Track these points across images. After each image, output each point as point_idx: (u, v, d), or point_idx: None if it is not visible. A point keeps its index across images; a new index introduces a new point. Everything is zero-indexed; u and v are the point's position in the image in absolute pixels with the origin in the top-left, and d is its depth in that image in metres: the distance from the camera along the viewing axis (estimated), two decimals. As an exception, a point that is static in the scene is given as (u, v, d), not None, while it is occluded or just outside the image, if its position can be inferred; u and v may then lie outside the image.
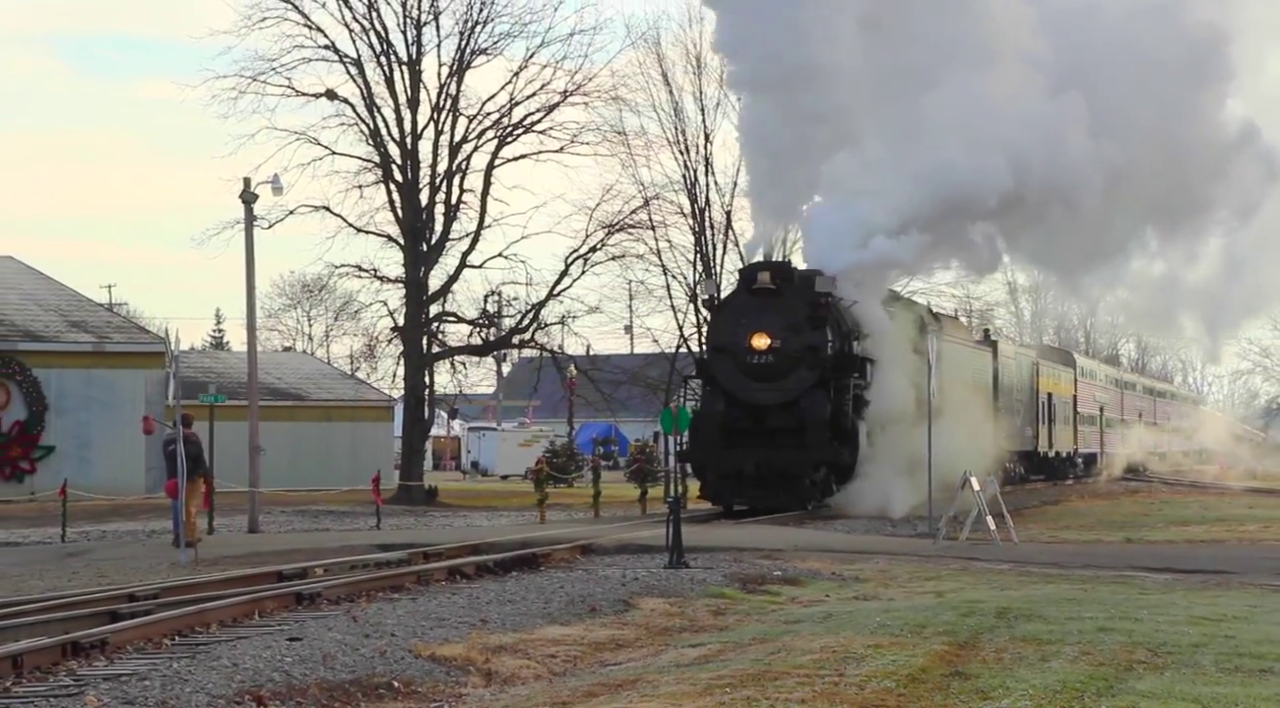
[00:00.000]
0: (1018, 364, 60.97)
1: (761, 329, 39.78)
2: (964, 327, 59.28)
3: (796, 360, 39.78)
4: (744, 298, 40.91)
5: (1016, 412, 59.07)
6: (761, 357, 39.79)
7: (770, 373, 39.81)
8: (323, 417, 70.91)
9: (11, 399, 58.99)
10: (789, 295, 40.16)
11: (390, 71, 59.39)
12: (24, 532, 39.12)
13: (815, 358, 39.95)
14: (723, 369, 40.35)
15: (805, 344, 39.89)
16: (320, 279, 79.04)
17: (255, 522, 38.71)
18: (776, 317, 39.93)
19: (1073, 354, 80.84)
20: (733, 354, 40.11)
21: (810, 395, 39.58)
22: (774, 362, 39.77)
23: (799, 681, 13.12)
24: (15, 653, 14.86)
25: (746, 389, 39.87)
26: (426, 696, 14.24)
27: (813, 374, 39.81)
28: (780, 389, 39.67)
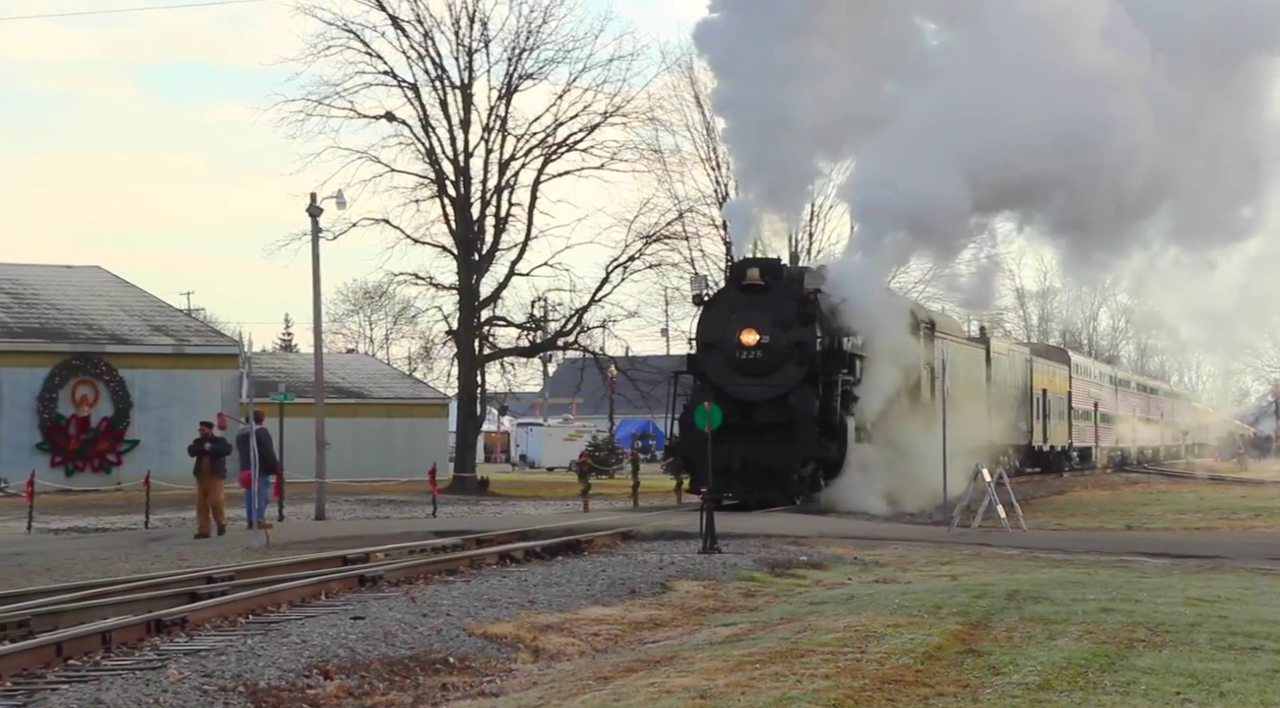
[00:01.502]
0: (1011, 361, 59.48)
1: (750, 325, 37.92)
2: (958, 324, 57.49)
3: (785, 356, 37.93)
4: (733, 294, 38.96)
5: (1010, 407, 57.36)
6: (750, 352, 37.90)
7: (759, 369, 37.93)
8: (383, 413, 71.06)
9: (100, 397, 59.27)
10: (778, 292, 38.28)
11: (444, 95, 59.58)
12: (111, 519, 39.29)
13: (804, 354, 38.04)
14: (712, 365, 38.34)
15: (794, 340, 38.02)
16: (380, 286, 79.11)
17: (322, 510, 38.81)
18: (765, 313, 38.07)
19: (1067, 352, 79.35)
20: (722, 350, 38.16)
21: (799, 391, 37.69)
22: (763, 357, 37.89)
23: (823, 657, 13.11)
24: (104, 630, 14.95)
25: (735, 385, 37.75)
26: (479, 670, 14.25)
27: (801, 370, 37.92)
28: (769, 385, 37.80)
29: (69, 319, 62.14)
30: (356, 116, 58.73)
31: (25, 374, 58.35)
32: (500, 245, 60.14)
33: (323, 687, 13.08)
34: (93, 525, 36.96)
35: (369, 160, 58.54)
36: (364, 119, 58.88)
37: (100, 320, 62.56)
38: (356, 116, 58.73)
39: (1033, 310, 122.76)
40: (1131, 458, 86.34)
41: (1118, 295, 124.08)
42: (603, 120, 59.74)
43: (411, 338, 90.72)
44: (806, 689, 11.43)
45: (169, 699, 12.03)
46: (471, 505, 46.45)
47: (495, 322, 61.77)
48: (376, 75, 58.86)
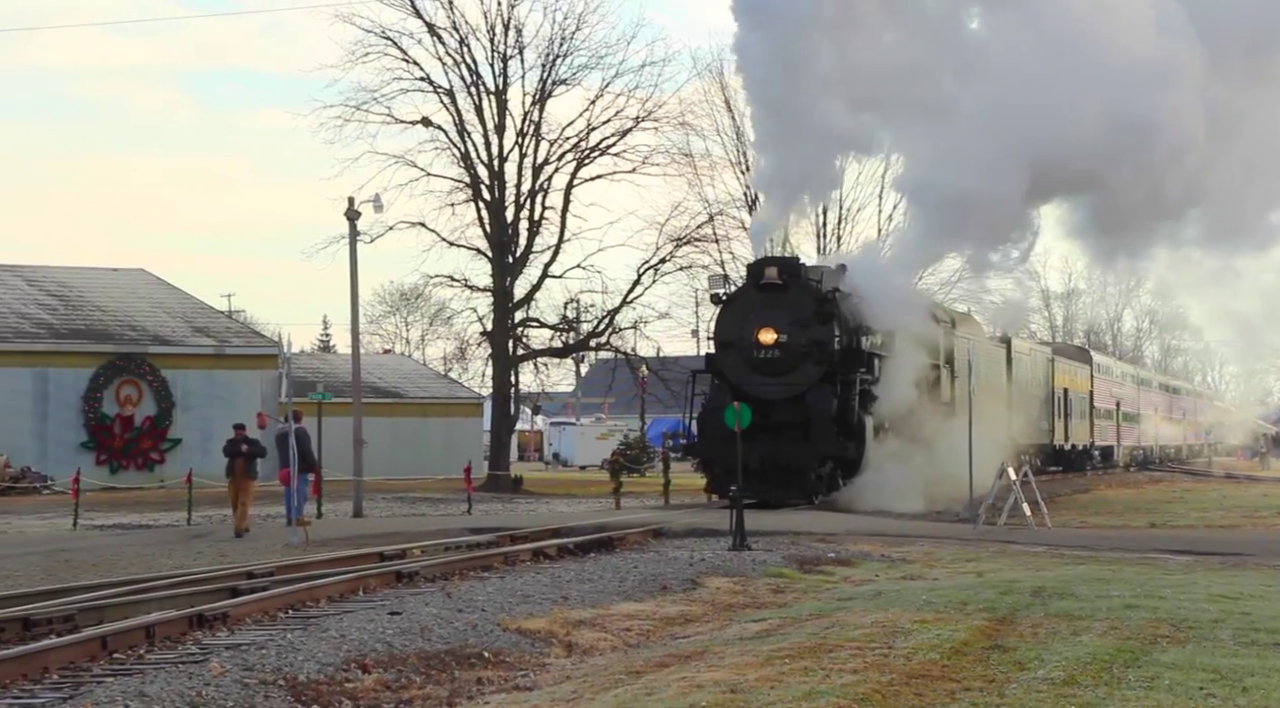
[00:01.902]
0: (1032, 361, 58.66)
1: (768, 324, 36.93)
2: (978, 324, 56.19)
3: (803, 355, 36.98)
4: (751, 293, 37.86)
5: (1031, 406, 56.17)
6: (768, 351, 36.92)
7: (777, 368, 36.93)
8: (419, 413, 71.20)
9: (143, 397, 59.53)
10: (796, 291, 37.31)
11: (479, 101, 59.65)
12: (154, 515, 39.42)
13: (822, 353, 37.09)
14: (730, 364, 37.44)
15: (812, 339, 37.04)
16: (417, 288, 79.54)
17: (359, 507, 38.86)
18: (783, 312, 37.10)
19: (1089, 352, 78.48)
20: (740, 349, 37.23)
21: (817, 390, 36.71)
22: (780, 357, 36.91)
23: (852, 652, 13.10)
24: (148, 624, 15.01)
25: (753, 384, 36.75)
26: (514, 665, 14.27)
27: (819, 369, 37.00)
28: (787, 384, 36.78)
29: (113, 321, 62.42)
30: (394, 122, 58.89)
31: (71, 374, 58.63)
32: (534, 248, 60.25)
33: (361, 680, 13.11)
34: (136, 522, 37.08)
35: (406, 165, 58.70)
36: (401, 124, 59.04)
37: (144, 322, 62.83)
38: (394, 122, 58.89)
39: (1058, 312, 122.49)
40: (1154, 457, 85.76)
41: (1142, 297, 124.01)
42: (635, 125, 59.80)
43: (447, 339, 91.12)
44: (835, 684, 11.42)
45: (211, 692, 12.07)
46: (505, 503, 46.49)
47: (529, 323, 61.88)
48: (413, 81, 59.02)
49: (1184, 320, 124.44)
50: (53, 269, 66.65)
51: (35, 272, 65.81)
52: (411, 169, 58.74)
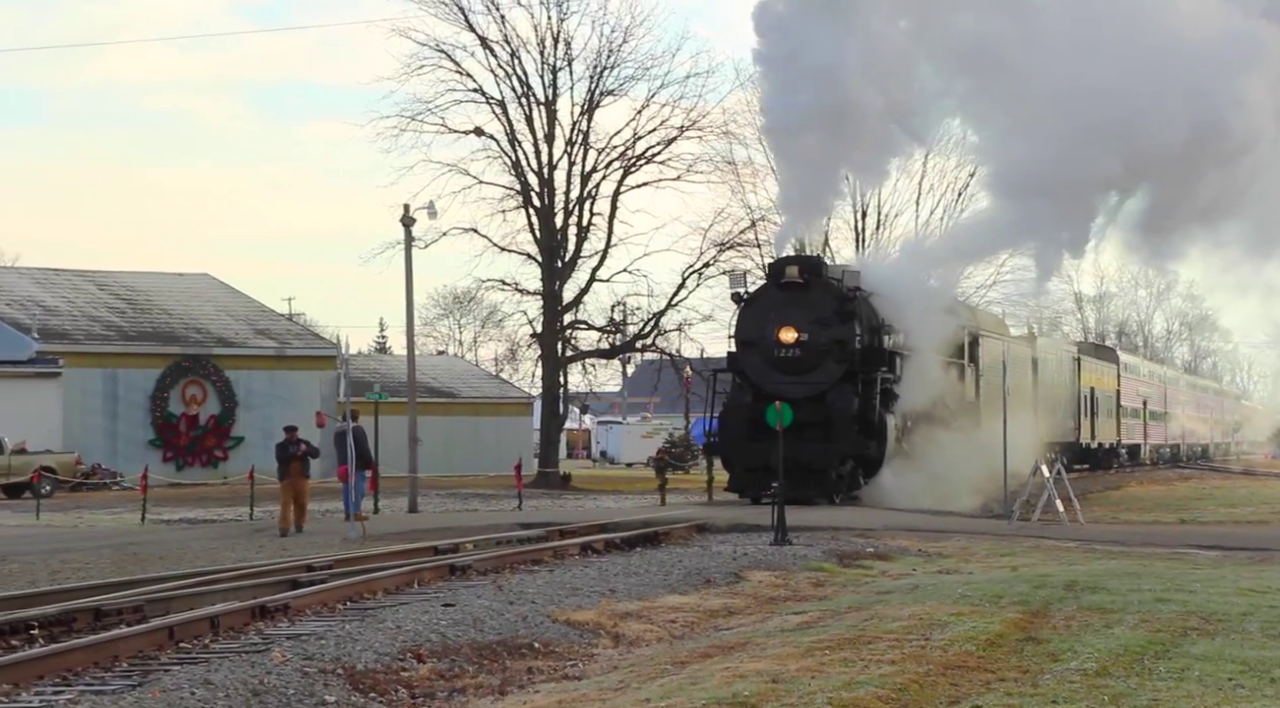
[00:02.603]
0: (1058, 360, 57.66)
1: (789, 323, 35.64)
2: (1003, 323, 55.60)
3: (824, 354, 35.67)
4: (772, 292, 36.56)
5: (1057, 405, 55.17)
6: (789, 350, 35.62)
7: (798, 367, 35.61)
8: (471, 412, 71.32)
9: (208, 396, 59.84)
10: (817, 290, 36.06)
11: (530, 111, 59.72)
12: (219, 511, 39.57)
13: (843, 352, 35.78)
14: (751, 363, 36.20)
15: (833, 338, 35.74)
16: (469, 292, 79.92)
17: (414, 503, 38.90)
18: (804, 311, 35.82)
19: (1116, 351, 77.47)
20: (761, 348, 35.95)
21: (838, 389, 35.33)
22: (801, 355, 35.62)
23: (890, 644, 13.07)
24: (212, 615, 15.05)
25: (774, 383, 35.36)
26: (563, 655, 14.27)
27: (840, 368, 35.68)
28: (808, 383, 35.33)
29: (179, 324, 62.74)
30: (447, 132, 59.01)
31: (139, 375, 58.98)
32: (582, 253, 60.31)
33: (416, 669, 13.13)
34: (201, 517, 37.24)
35: (459, 173, 58.81)
36: (454, 134, 59.14)
37: (208, 325, 63.14)
38: (447, 132, 59.01)
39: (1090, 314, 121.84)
40: (1181, 454, 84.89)
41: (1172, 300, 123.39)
42: (679, 134, 59.76)
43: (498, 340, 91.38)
44: (873, 674, 11.39)
45: (273, 680, 12.11)
46: (555, 499, 46.49)
47: (577, 325, 61.92)
48: (466, 93, 59.13)
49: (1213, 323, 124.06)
50: (122, 274, 67.04)
51: (105, 277, 66.21)
52: (464, 177, 58.90)
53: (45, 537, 30.17)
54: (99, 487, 52.02)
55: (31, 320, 59.13)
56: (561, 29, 60.11)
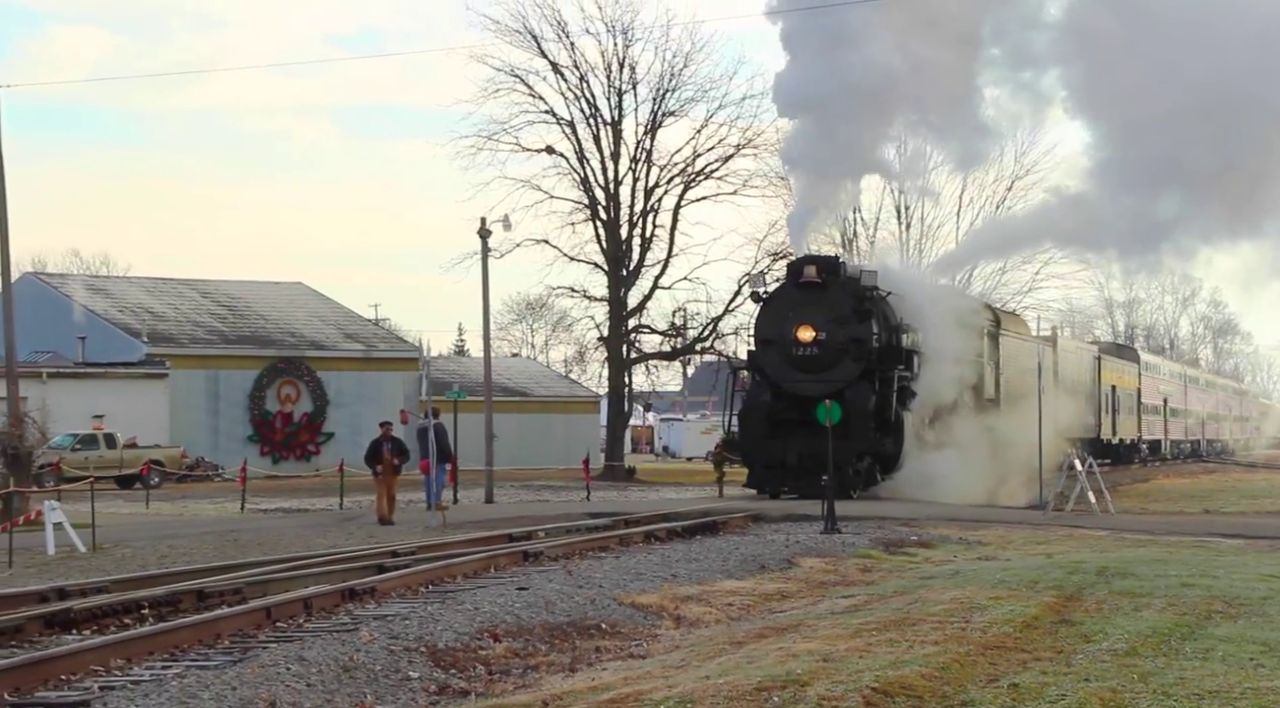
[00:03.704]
0: (1078, 358, 56.22)
1: (807, 322, 34.17)
2: (1024, 322, 54.18)
3: (841, 352, 34.21)
4: (791, 291, 35.00)
5: (1077, 401, 53.17)
6: (807, 349, 34.16)
7: (815, 364, 34.16)
8: (543, 409, 71.49)
9: (301, 395, 60.25)
10: (835, 289, 34.53)
11: (597, 131, 59.90)
12: (311, 501, 39.82)
13: (860, 350, 34.29)
14: (770, 361, 34.70)
15: (850, 336, 34.25)
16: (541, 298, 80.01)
17: (490, 494, 39.04)
18: (822, 309, 34.32)
19: (1137, 351, 76.07)
20: (779, 346, 34.46)
21: (855, 387, 33.78)
22: (819, 354, 34.15)
23: (933, 626, 13.00)
24: (306, 597, 15.11)
25: (792, 380, 34.15)
26: (628, 635, 14.27)
27: (858, 366, 34.19)
28: (825, 380, 33.80)
29: (275, 328, 63.16)
30: (521, 150, 59.30)
31: (239, 376, 59.42)
32: (645, 262, 60.43)
33: (492, 648, 13.16)
34: (295, 507, 37.46)
35: (531, 188, 59.06)
36: (527, 152, 59.42)
37: (301, 329, 63.54)
38: (521, 150, 59.30)
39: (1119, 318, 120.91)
40: (1201, 450, 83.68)
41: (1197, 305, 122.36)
42: (736, 152, 59.80)
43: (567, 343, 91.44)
44: (918, 654, 11.35)
45: (361, 657, 12.16)
46: (620, 491, 46.54)
47: (641, 329, 62.01)
48: (539, 114, 59.39)
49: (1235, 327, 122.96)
50: (223, 283, 67.56)
51: (208, 285, 66.74)
52: (536, 192, 59.15)
53: (154, 524, 30.43)
54: (202, 478, 52.45)
55: (142, 326, 59.68)
56: (627, 55, 60.33)
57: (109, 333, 59.30)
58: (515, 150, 59.23)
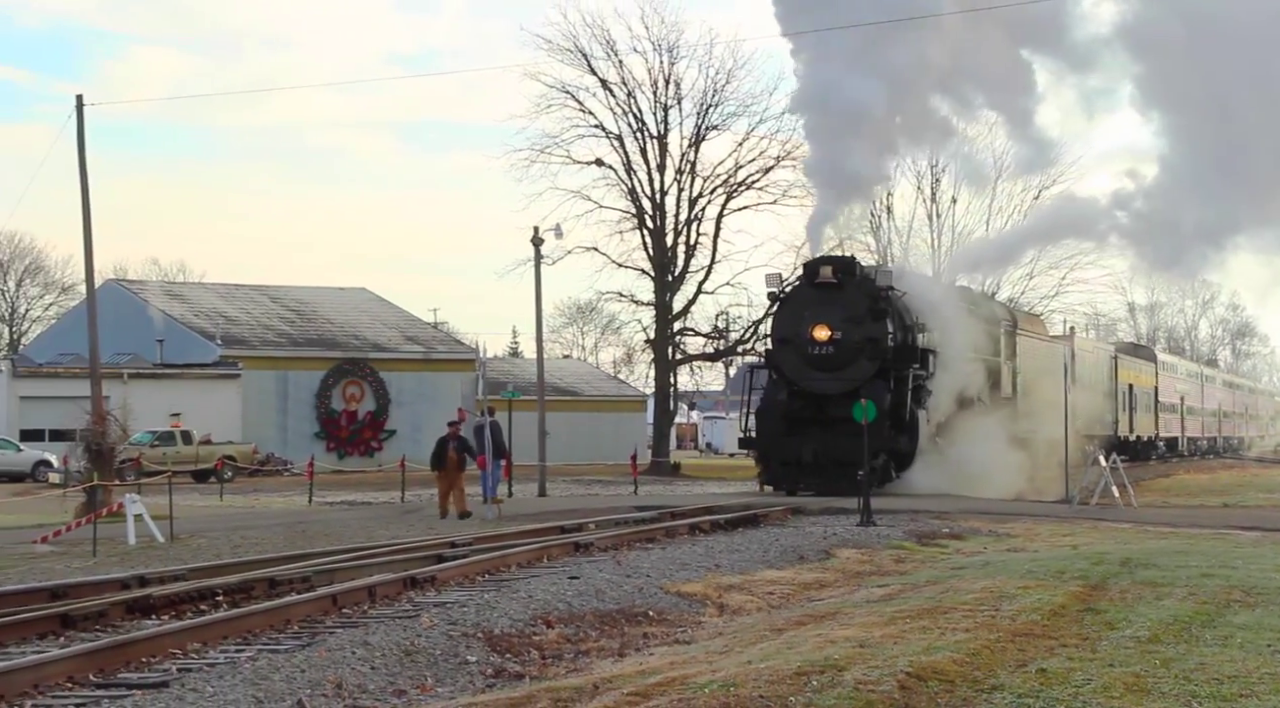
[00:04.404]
0: (1095, 358, 55.06)
1: (823, 321, 33.09)
2: (1041, 323, 52.93)
3: (857, 351, 33.12)
4: (807, 291, 33.87)
5: (1095, 400, 51.97)
6: (823, 347, 33.10)
7: (831, 363, 33.06)
8: (592, 408, 71.53)
9: (365, 395, 60.51)
10: (850, 289, 33.41)
11: (644, 144, 59.96)
12: (374, 494, 39.95)
13: (875, 349, 33.16)
14: (786, 360, 33.63)
15: (865, 336, 33.15)
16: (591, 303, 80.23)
17: (543, 488, 39.07)
18: (838, 309, 33.23)
19: (1154, 351, 74.83)
20: (795, 345, 33.39)
21: (870, 385, 32.40)
22: (834, 353, 33.07)
23: (964, 614, 12.95)
24: (370, 585, 15.14)
25: (809, 379, 33.11)
26: (674, 622, 14.26)
27: (873, 365, 33.09)
28: (841, 379, 32.83)
29: (340, 331, 63.43)
30: (572, 162, 59.39)
31: (306, 376, 59.74)
32: (690, 268, 60.42)
33: (545, 634, 13.17)
34: (359, 500, 37.59)
35: (581, 198, 59.14)
36: (578, 164, 59.51)
37: (365, 332, 63.79)
38: (572, 162, 59.39)
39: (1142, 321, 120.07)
40: (1218, 447, 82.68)
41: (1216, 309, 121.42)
42: (776, 164, 59.67)
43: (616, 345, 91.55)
44: (949, 641, 11.30)
45: (422, 642, 12.19)
46: (666, 485, 46.51)
47: (685, 332, 61.98)
48: (588, 128, 59.46)
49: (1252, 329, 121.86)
50: (291, 288, 67.92)
51: (277, 291, 67.11)
52: (586, 202, 59.22)
53: (227, 516, 30.60)
54: (272, 473, 52.74)
55: (216, 329, 60.07)
56: (672, 72, 60.34)
57: (185, 336, 59.69)
58: (566, 163, 59.38)
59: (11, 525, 27.41)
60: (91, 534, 22.15)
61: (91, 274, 36.12)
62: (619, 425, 70.42)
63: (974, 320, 37.78)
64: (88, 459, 30.37)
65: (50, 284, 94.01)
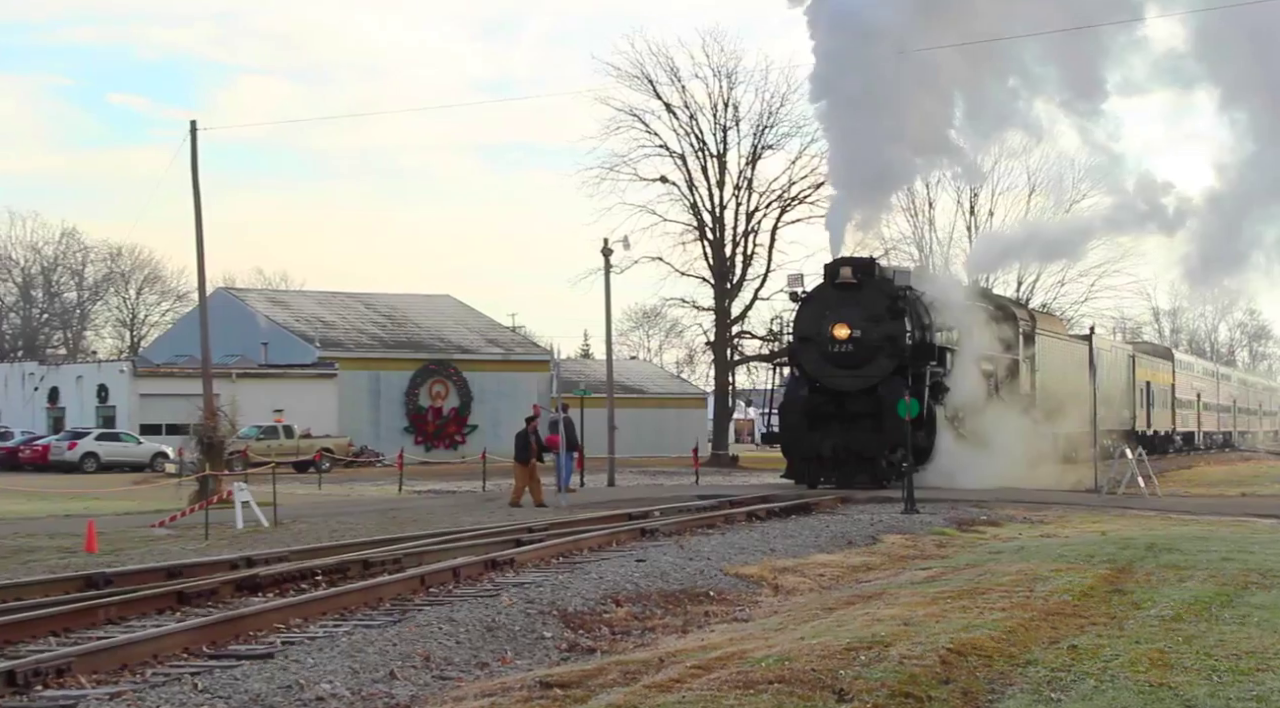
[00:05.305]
0: (1114, 356, 53.07)
1: (843, 320, 31.89)
2: (1060, 322, 51.23)
3: (876, 349, 31.87)
4: (827, 291, 32.65)
5: (1113, 396, 49.79)
6: (842, 345, 31.86)
7: (851, 361, 31.85)
8: (657, 405, 71.54)
9: (449, 393, 60.86)
10: (869, 289, 32.13)
11: (705, 162, 60.02)
12: (458, 483, 40.11)
13: (894, 347, 31.88)
14: (808, 357, 32.45)
15: (884, 334, 31.86)
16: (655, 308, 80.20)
17: (612, 478, 39.08)
18: (857, 308, 31.99)
19: (1171, 350, 72.90)
20: (817, 343, 32.19)
21: (889, 382, 31.27)
22: (854, 350, 31.82)
23: (1000, 594, 12.87)
24: (454, 567, 15.18)
25: (829, 376, 31.97)
26: (733, 601, 14.25)
27: (892, 362, 31.80)
28: (861, 376, 31.73)
29: (427, 335, 63.80)
30: (638, 179, 59.56)
31: (396, 376, 60.15)
32: (747, 276, 60.46)
33: (615, 612, 13.18)
34: (444, 489, 37.74)
35: (647, 213, 59.28)
36: (644, 181, 59.65)
37: (449, 335, 64.13)
38: (638, 179, 59.56)
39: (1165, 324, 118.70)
40: (1233, 441, 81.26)
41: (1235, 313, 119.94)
42: (826, 180, 59.33)
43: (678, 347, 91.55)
44: (987, 619, 11.24)
45: (502, 619, 12.23)
46: (725, 476, 46.43)
47: (742, 335, 61.94)
48: (654, 148, 59.61)
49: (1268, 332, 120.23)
50: (383, 296, 68.36)
51: (370, 298, 67.58)
52: (652, 216, 59.35)
53: (325, 503, 30.83)
54: (366, 464, 53.13)
55: (314, 333, 60.58)
56: (731, 96, 60.38)
57: (287, 339, 60.24)
58: (634, 180, 59.56)
59: (132, 511, 27.75)
60: (204, 519, 22.40)
61: (203, 283, 36.52)
62: (681, 421, 70.39)
63: (991, 319, 36.80)
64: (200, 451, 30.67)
65: (166, 292, 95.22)
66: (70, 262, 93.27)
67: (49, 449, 50.90)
